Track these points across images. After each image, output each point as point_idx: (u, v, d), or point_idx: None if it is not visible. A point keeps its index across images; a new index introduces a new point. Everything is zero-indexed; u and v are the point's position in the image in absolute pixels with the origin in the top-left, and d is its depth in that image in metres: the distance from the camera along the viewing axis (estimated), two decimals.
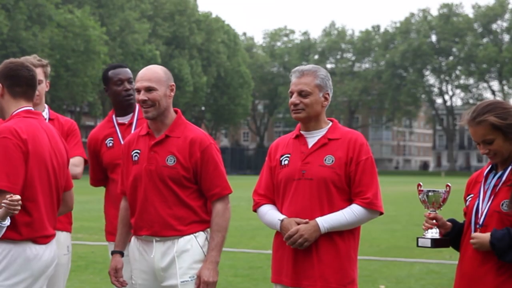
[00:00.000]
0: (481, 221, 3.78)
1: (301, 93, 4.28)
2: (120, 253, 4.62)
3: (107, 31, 63.81)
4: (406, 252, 13.22)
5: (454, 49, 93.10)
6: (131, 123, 5.32)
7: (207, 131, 77.72)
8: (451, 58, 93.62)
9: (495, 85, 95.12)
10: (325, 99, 4.33)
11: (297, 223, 4.19)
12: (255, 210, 4.47)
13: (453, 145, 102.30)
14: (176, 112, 4.53)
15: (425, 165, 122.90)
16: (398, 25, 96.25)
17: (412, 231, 16.59)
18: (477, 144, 3.85)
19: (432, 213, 3.94)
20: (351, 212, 4.21)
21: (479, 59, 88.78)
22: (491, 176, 3.87)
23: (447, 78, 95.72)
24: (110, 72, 5.40)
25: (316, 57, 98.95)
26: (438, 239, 3.93)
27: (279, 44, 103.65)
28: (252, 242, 14.62)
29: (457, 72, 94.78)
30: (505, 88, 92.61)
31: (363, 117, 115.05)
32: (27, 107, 4.19)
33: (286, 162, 4.33)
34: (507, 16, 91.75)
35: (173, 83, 4.49)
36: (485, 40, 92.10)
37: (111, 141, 5.31)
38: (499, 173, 3.83)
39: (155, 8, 74.18)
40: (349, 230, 4.25)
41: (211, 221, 4.41)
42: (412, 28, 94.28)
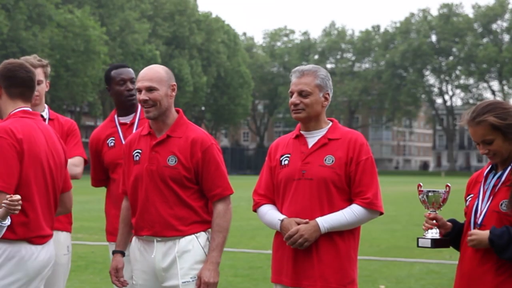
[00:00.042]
0: (479, 221, 3.78)
1: (301, 93, 4.28)
2: (121, 253, 4.61)
3: (107, 31, 63.81)
4: (406, 252, 13.22)
5: (454, 49, 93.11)
6: (132, 123, 5.31)
7: (207, 131, 77.41)
8: (451, 58, 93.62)
9: (495, 85, 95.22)
10: (325, 99, 4.33)
11: (297, 223, 4.19)
12: (255, 210, 4.46)
13: (453, 145, 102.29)
14: (177, 112, 4.51)
15: (425, 165, 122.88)
16: (398, 25, 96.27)
17: (412, 231, 16.59)
18: (477, 144, 3.84)
19: (432, 213, 3.94)
20: (351, 212, 4.20)
21: (479, 59, 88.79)
22: (490, 176, 3.87)
23: (447, 78, 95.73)
24: (113, 72, 5.39)
25: (316, 57, 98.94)
26: (438, 239, 3.93)
27: (279, 44, 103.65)
28: (252, 242, 14.61)
29: (457, 72, 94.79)
30: (505, 88, 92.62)
31: (363, 117, 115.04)
32: (24, 108, 4.19)
33: (286, 162, 4.33)
34: (507, 16, 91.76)
35: (174, 83, 4.46)
36: (485, 40, 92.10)
37: (113, 140, 5.30)
38: (499, 173, 3.83)
39: (155, 8, 74.18)
40: (349, 230, 4.25)
41: (212, 221, 4.39)
42: (412, 28, 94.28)
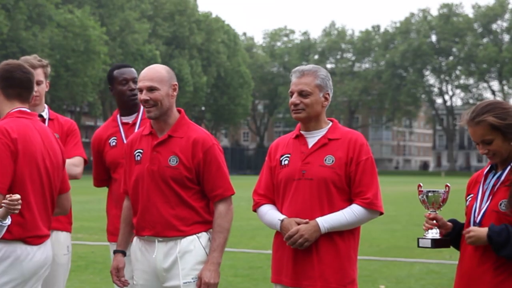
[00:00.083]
0: (478, 220, 3.78)
1: (301, 93, 4.27)
2: (122, 253, 4.59)
3: (107, 31, 63.84)
4: (406, 252, 13.22)
5: (454, 49, 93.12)
6: (135, 123, 5.31)
7: (207, 131, 77.47)
8: (451, 58, 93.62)
9: (495, 85, 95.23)
10: (325, 99, 4.33)
11: (297, 223, 4.19)
12: (255, 210, 4.46)
13: (453, 145, 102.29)
14: (179, 112, 4.50)
15: (425, 165, 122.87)
16: (398, 25, 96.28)
17: (412, 231, 16.60)
18: (477, 144, 3.84)
19: (432, 213, 3.94)
20: (351, 212, 4.20)
21: (479, 59, 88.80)
22: (490, 176, 3.87)
23: (447, 78, 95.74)
24: (115, 72, 5.39)
25: (316, 57, 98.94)
26: (438, 239, 3.93)
27: (279, 44, 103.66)
28: (252, 242, 14.61)
29: (457, 72, 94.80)
30: (505, 88, 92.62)
31: (363, 117, 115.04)
32: (21, 108, 4.19)
33: (286, 162, 4.32)
34: (507, 16, 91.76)
35: (175, 83, 4.44)
36: (485, 40, 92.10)
37: (115, 140, 5.30)
38: (498, 173, 3.83)
39: (155, 8, 74.21)
40: (349, 230, 4.25)
41: (213, 222, 4.38)
42: (412, 28, 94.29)
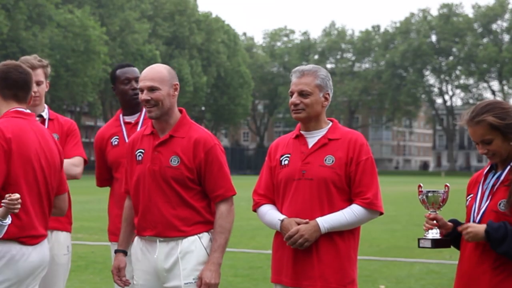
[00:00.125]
0: (478, 220, 3.77)
1: (301, 93, 4.27)
2: (123, 252, 4.58)
3: (107, 31, 63.85)
4: (406, 252, 13.22)
5: (454, 49, 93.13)
6: (137, 122, 5.30)
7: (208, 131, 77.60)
8: (451, 58, 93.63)
9: (495, 85, 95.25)
10: (325, 99, 4.33)
11: (297, 223, 4.18)
12: (255, 210, 4.46)
13: (453, 145, 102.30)
14: (181, 111, 4.48)
15: (425, 165, 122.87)
16: (398, 25, 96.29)
17: (412, 231, 16.60)
18: (476, 144, 3.84)
19: (432, 213, 3.94)
20: (351, 212, 4.20)
21: (479, 59, 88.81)
22: (490, 176, 3.87)
23: (447, 78, 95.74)
24: (118, 71, 5.40)
25: (316, 57, 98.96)
26: (438, 240, 3.93)
27: (279, 44, 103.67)
28: (252, 242, 14.61)
29: (457, 72, 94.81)
30: (505, 88, 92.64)
31: (363, 117, 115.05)
32: (18, 108, 4.18)
33: (286, 162, 4.32)
34: (507, 16, 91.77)
35: (177, 82, 4.42)
36: (485, 40, 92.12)
37: (117, 139, 5.30)
38: (498, 173, 3.83)
39: (155, 8, 74.21)
40: (349, 230, 4.24)
41: (214, 222, 4.36)
42: (412, 28, 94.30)
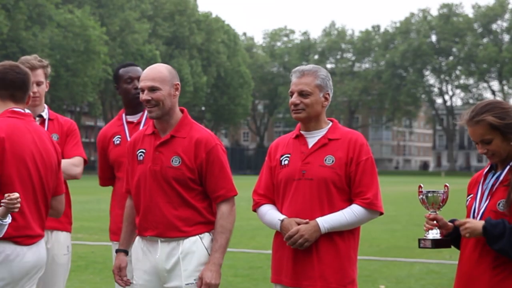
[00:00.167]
0: (477, 220, 3.78)
1: (301, 93, 4.27)
2: (125, 252, 4.57)
3: (107, 31, 63.85)
4: (406, 252, 13.22)
5: (454, 49, 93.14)
6: (139, 122, 5.30)
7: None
8: (451, 58, 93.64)
9: (495, 85, 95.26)
10: (326, 99, 4.32)
11: (297, 223, 4.18)
12: (254, 210, 4.46)
13: (453, 145, 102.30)
14: (182, 111, 4.45)
15: (425, 165, 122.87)
16: (398, 25, 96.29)
17: (412, 231, 16.60)
18: (476, 143, 3.85)
19: (432, 214, 3.94)
20: (351, 212, 4.20)
21: (479, 59, 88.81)
22: (489, 176, 3.87)
23: (447, 78, 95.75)
24: (121, 70, 5.41)
25: (316, 57, 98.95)
26: (439, 240, 3.93)
27: (279, 44, 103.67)
28: (252, 242, 14.61)
29: (457, 72, 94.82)
30: (505, 88, 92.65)
31: (363, 117, 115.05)
32: (14, 108, 4.18)
33: (286, 162, 4.32)
34: (507, 16, 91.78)
35: (178, 82, 4.40)
36: (485, 40, 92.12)
37: (119, 138, 5.30)
38: (498, 173, 3.83)
39: (155, 8, 74.21)
40: (349, 230, 4.24)
41: (215, 222, 4.35)
42: (412, 28, 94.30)
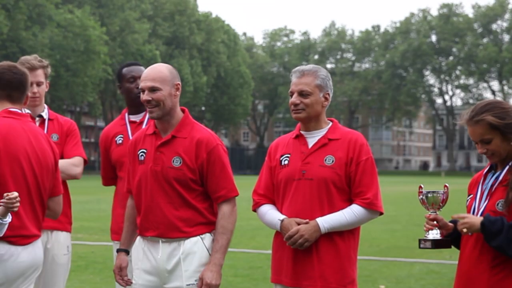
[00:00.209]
0: None
1: (301, 93, 4.27)
2: (125, 252, 4.56)
3: (107, 31, 63.86)
4: (406, 252, 13.22)
5: (454, 49, 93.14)
6: (142, 122, 5.30)
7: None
8: (451, 58, 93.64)
9: (495, 85, 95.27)
10: (326, 99, 4.32)
11: (297, 223, 4.18)
12: (254, 210, 4.45)
13: (453, 145, 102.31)
14: (183, 111, 4.43)
15: (425, 165, 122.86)
16: (398, 25, 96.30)
17: (412, 231, 16.60)
18: (476, 143, 3.85)
19: (432, 214, 3.94)
20: (351, 212, 4.20)
21: (479, 59, 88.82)
22: (489, 176, 3.87)
23: (447, 78, 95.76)
24: (124, 70, 5.42)
25: (316, 57, 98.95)
26: (439, 240, 3.93)
27: (279, 44, 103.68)
28: (252, 242, 14.60)
29: (457, 72, 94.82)
30: (505, 88, 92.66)
31: (363, 117, 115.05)
32: (10, 108, 4.17)
33: (286, 162, 4.32)
34: (507, 16, 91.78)
35: (178, 82, 4.37)
36: (485, 40, 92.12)
37: (121, 138, 5.30)
38: (497, 173, 3.83)
39: (155, 8, 74.22)
40: (349, 230, 4.24)
41: (216, 223, 4.33)
42: (412, 28, 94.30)
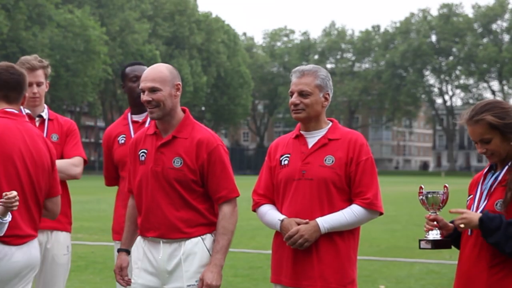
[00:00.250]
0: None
1: (301, 93, 4.27)
2: (126, 251, 4.55)
3: (107, 31, 63.88)
4: (406, 252, 13.22)
5: (454, 49, 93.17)
6: (144, 122, 5.29)
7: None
8: (451, 58, 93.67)
9: (495, 85, 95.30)
10: (325, 99, 4.32)
11: (297, 223, 4.18)
12: (254, 210, 4.45)
13: (453, 145, 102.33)
14: (184, 111, 4.41)
15: (425, 165, 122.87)
16: (398, 25, 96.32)
17: (412, 231, 16.60)
18: (475, 143, 3.85)
19: (432, 214, 3.94)
20: (351, 213, 4.20)
21: (479, 59, 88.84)
22: (489, 176, 3.87)
23: (447, 78, 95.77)
24: (128, 69, 5.44)
25: (316, 57, 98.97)
26: (439, 241, 3.93)
27: (279, 44, 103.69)
28: (252, 242, 14.60)
29: (457, 72, 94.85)
30: (505, 88, 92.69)
31: (363, 117, 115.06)
32: (6, 109, 4.16)
33: (286, 162, 4.32)
34: (507, 16, 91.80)
35: (179, 82, 4.35)
36: (485, 40, 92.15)
37: (123, 138, 5.29)
38: (496, 173, 3.83)
39: (155, 8, 74.23)
40: (349, 230, 4.24)
41: (217, 223, 4.32)
42: (412, 28, 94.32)
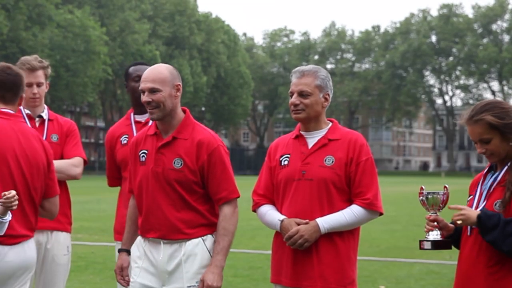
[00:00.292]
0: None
1: (301, 94, 4.27)
2: (127, 252, 4.54)
3: (107, 31, 63.91)
4: (406, 252, 13.22)
5: (454, 50, 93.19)
6: (147, 122, 5.26)
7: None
8: (451, 58, 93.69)
9: (495, 85, 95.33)
10: (325, 99, 4.32)
11: (297, 223, 4.18)
12: (254, 210, 4.45)
13: (453, 145, 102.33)
14: (184, 111, 4.40)
15: (425, 166, 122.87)
16: (398, 25, 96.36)
17: (412, 232, 16.61)
18: (475, 143, 3.85)
19: (432, 215, 3.94)
20: (351, 213, 4.20)
21: (479, 59, 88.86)
22: (488, 176, 3.87)
23: (447, 78, 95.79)
24: (131, 69, 5.44)
25: (316, 57, 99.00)
26: (439, 241, 3.93)
27: (279, 44, 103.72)
28: (252, 242, 14.60)
29: (457, 73, 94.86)
30: (505, 88, 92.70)
31: (363, 117, 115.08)
32: (2, 109, 4.16)
33: (286, 162, 4.32)
34: (507, 17, 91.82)
35: (179, 83, 4.33)
36: (485, 40, 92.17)
37: (126, 138, 5.28)
38: (496, 174, 3.83)
39: (155, 8, 74.26)
40: (349, 231, 4.24)
41: (217, 224, 4.31)
42: (412, 29, 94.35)
